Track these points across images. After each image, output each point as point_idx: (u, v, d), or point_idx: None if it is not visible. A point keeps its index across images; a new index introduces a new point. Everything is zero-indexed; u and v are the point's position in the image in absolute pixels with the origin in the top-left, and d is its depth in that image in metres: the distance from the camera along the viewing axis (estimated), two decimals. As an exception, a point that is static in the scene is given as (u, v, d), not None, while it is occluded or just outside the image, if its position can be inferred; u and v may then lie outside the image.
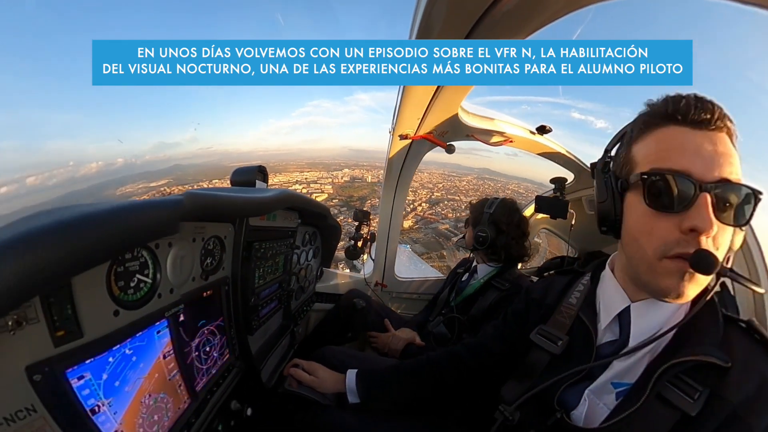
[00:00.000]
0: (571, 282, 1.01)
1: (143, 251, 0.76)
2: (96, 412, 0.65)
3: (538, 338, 0.94)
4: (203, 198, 0.85)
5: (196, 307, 0.98)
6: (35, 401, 0.55)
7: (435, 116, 1.56)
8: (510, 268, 1.91)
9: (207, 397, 0.99)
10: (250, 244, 1.24)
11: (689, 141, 0.63)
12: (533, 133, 1.95)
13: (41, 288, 0.49)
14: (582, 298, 0.93)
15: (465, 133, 1.80)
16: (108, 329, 0.67)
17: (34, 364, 0.54)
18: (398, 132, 1.69)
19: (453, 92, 1.34)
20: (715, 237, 0.62)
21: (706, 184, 0.60)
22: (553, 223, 2.93)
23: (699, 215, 0.60)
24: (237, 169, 1.42)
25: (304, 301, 1.98)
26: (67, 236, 0.50)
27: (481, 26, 0.94)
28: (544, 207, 2.22)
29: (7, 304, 0.44)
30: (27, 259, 0.45)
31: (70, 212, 0.53)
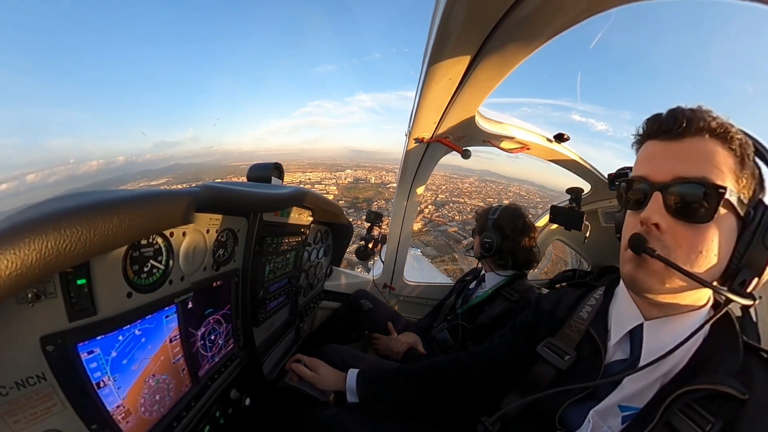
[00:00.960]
0: (583, 296, 0.98)
1: (158, 238, 0.79)
2: (101, 387, 0.68)
3: (545, 351, 0.91)
4: (219, 191, 0.88)
5: (205, 296, 1.01)
6: (46, 370, 0.58)
7: (452, 120, 1.54)
8: (520, 278, 1.88)
9: (208, 384, 1.02)
10: (262, 238, 1.27)
11: (654, 150, 0.70)
12: (550, 141, 1.91)
13: (61, 266, 0.52)
14: (593, 313, 0.91)
15: (482, 139, 1.78)
16: (120, 309, 0.71)
17: (48, 336, 0.58)
18: (414, 135, 1.67)
19: (471, 96, 1.33)
20: (674, 233, 0.65)
21: (657, 184, 0.66)
22: (567, 234, 2.85)
23: (646, 209, 0.67)
24: (253, 165, 1.46)
25: (311, 298, 2.01)
26: (88, 219, 0.54)
27: (499, 30, 0.93)
28: (559, 217, 2.17)
29: (28, 280, 0.47)
30: (50, 239, 0.49)
31: (93, 197, 0.57)
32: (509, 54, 1.05)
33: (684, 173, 0.64)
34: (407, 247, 2.44)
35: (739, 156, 0.65)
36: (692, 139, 0.65)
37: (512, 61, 1.09)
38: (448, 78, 1.17)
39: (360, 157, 77.72)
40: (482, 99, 1.37)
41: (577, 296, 1.00)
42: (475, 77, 1.17)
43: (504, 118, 1.77)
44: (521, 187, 73.54)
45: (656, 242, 0.66)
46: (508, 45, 1.00)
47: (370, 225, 2.31)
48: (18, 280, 0.46)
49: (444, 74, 1.15)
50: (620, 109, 49.24)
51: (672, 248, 0.65)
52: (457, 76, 1.17)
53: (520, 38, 0.97)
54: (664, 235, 0.65)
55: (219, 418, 1.03)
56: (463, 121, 1.57)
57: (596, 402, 0.77)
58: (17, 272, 0.45)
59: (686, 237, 0.64)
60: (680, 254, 0.64)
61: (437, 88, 1.24)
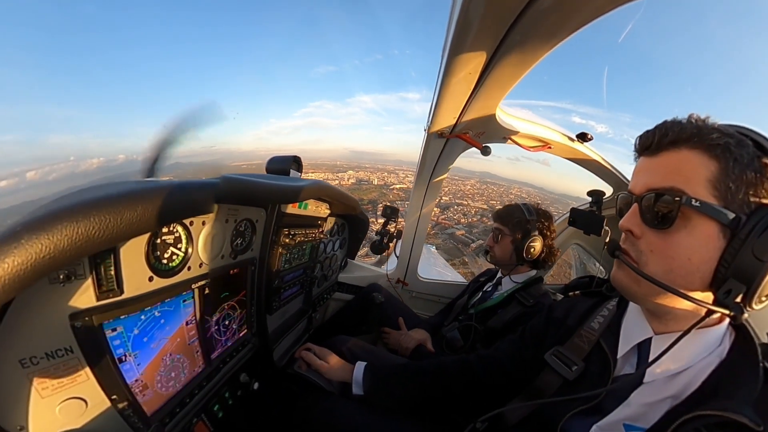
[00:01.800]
0: (596, 306, 0.97)
1: (179, 227, 0.84)
2: (123, 361, 0.74)
3: (553, 359, 0.91)
4: (238, 182, 0.92)
5: (222, 283, 1.06)
6: (73, 344, 0.64)
7: (472, 116, 1.51)
8: (536, 283, 1.86)
9: (220, 366, 1.08)
10: (280, 229, 1.30)
11: (639, 166, 0.74)
12: (572, 140, 1.85)
13: (90, 251, 0.57)
14: (605, 323, 0.89)
15: (502, 135, 1.74)
16: (142, 291, 0.76)
17: (77, 313, 0.63)
18: (433, 130, 1.66)
19: (492, 91, 1.30)
20: (647, 239, 0.69)
21: (636, 196, 0.71)
22: (586, 239, 2.75)
23: (623, 217, 0.73)
24: (272, 157, 1.49)
25: (325, 289, 2.05)
26: (115, 208, 0.58)
27: (520, 23, 0.90)
28: (579, 220, 2.06)
29: (60, 262, 0.52)
30: (80, 226, 0.53)
31: (119, 188, 0.61)
32: (531, 47, 1.01)
33: (653, 185, 0.68)
34: (422, 243, 2.43)
35: (723, 161, 0.64)
36: (667, 153, 0.68)
37: (534, 55, 1.05)
38: (468, 72, 1.15)
39: (360, 158, 76.25)
40: (503, 94, 1.34)
41: (589, 306, 0.99)
42: (496, 72, 1.14)
43: (525, 115, 1.73)
44: (521, 189, 72.25)
45: (631, 247, 0.71)
46: (530, 38, 0.97)
47: (385, 220, 2.32)
48: (51, 262, 0.50)
49: (463, 68, 1.12)
50: (620, 111, 45.98)
51: (645, 253, 0.68)
52: (477, 70, 1.14)
53: (541, 31, 0.94)
54: (638, 241, 0.70)
55: (228, 399, 1.09)
56: (483, 117, 1.54)
57: (600, 417, 0.76)
58: (50, 255, 0.50)
59: (657, 243, 0.67)
60: (652, 259, 0.68)
61: (457, 82, 1.21)
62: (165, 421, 0.85)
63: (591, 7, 0.85)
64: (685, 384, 0.69)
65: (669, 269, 0.66)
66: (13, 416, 0.58)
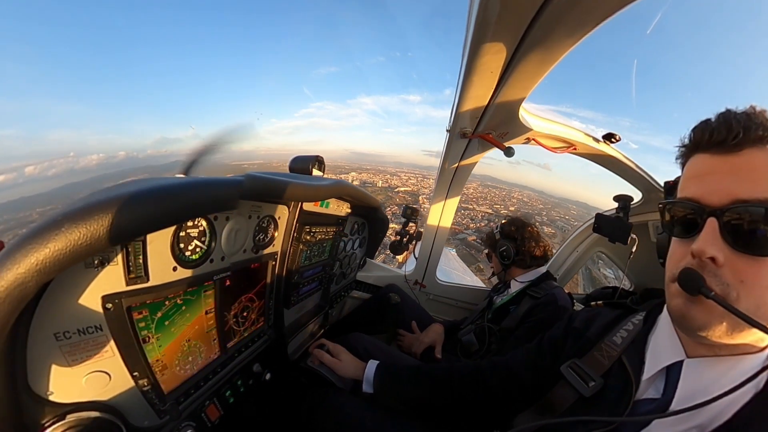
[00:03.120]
0: (619, 318, 0.90)
1: (203, 221, 0.89)
2: (146, 342, 0.80)
3: (569, 372, 0.84)
4: (262, 180, 0.95)
5: (242, 276, 1.11)
6: (103, 323, 0.70)
7: (494, 116, 1.48)
8: (546, 279, 1.88)
9: (235, 355, 1.13)
10: (301, 226, 1.34)
11: (705, 167, 0.60)
12: (598, 141, 1.77)
13: (122, 240, 0.62)
14: (629, 339, 0.81)
15: (525, 136, 1.69)
16: (167, 280, 0.81)
17: (108, 295, 0.69)
18: (455, 130, 1.63)
19: (514, 90, 1.26)
20: (734, 267, 0.55)
21: (713, 209, 0.57)
22: (610, 248, 2.61)
23: (699, 239, 0.57)
24: (295, 157, 1.53)
25: (343, 286, 2.09)
26: (145, 203, 0.63)
27: (542, 16, 0.86)
28: (603, 227, 1.99)
29: (95, 249, 0.57)
30: (114, 217, 0.58)
31: (149, 184, 0.66)
32: (553, 43, 0.97)
33: (745, 195, 0.54)
34: (442, 245, 2.41)
35: None
36: (752, 150, 0.55)
37: (557, 51, 1.01)
38: (490, 71, 1.13)
39: (361, 159, 75.67)
40: (526, 93, 1.29)
41: (612, 318, 0.91)
42: (518, 69, 1.10)
43: (549, 114, 1.68)
44: (522, 192, 69.91)
45: (713, 279, 0.56)
46: (552, 33, 0.92)
47: (406, 220, 2.31)
48: (87, 248, 0.56)
49: (485, 67, 1.10)
50: (620, 116, 42.34)
51: (732, 285, 0.54)
52: (498, 68, 1.11)
53: (564, 25, 0.89)
54: (721, 269, 0.55)
55: (240, 387, 1.14)
56: (505, 117, 1.50)
57: None
58: (87, 242, 0.55)
59: (750, 272, 0.54)
60: (743, 291, 0.54)
61: (478, 81, 1.19)
62: (180, 400, 0.91)
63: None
64: (715, 415, 0.60)
65: (762, 302, 0.54)
66: (45, 382, 0.65)
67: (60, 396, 0.67)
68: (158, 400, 0.84)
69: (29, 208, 60.29)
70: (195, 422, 0.94)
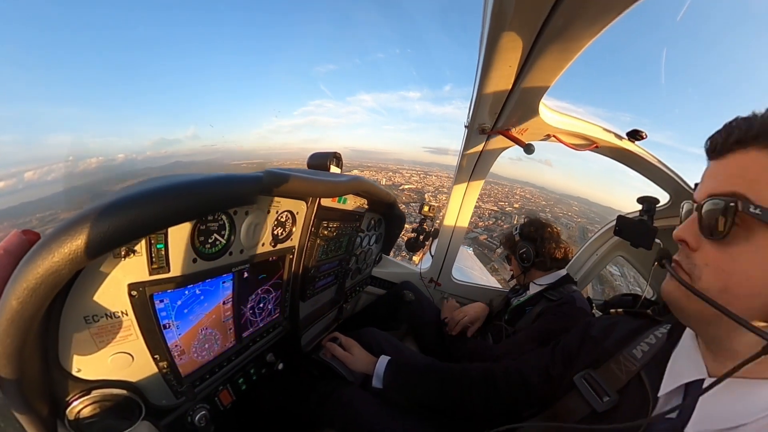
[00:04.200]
0: (641, 330, 0.86)
1: (223, 215, 0.92)
2: (166, 328, 0.85)
3: (582, 384, 0.81)
4: (280, 177, 0.97)
5: (260, 268, 1.15)
6: (128, 309, 0.75)
7: (514, 111, 1.44)
8: (566, 282, 1.84)
9: (249, 344, 1.18)
10: (319, 221, 1.37)
11: (705, 172, 0.66)
12: (621, 138, 1.67)
13: (146, 233, 0.66)
14: (650, 354, 0.77)
15: (545, 132, 1.64)
16: (187, 271, 0.86)
17: (134, 284, 0.74)
18: (474, 126, 1.60)
19: (534, 84, 1.22)
20: (704, 251, 0.61)
21: (696, 204, 0.63)
22: (633, 252, 2.42)
23: (679, 226, 0.66)
24: (313, 153, 1.55)
25: (358, 281, 2.11)
26: (167, 199, 0.67)
27: (561, 5, 0.83)
28: (626, 230, 1.88)
29: (122, 240, 0.62)
30: (139, 212, 0.62)
31: (172, 180, 0.69)
32: (573, 34, 0.93)
33: (714, 190, 0.60)
34: (459, 244, 2.38)
35: None
36: (734, 154, 0.60)
37: (577, 42, 0.96)
38: (508, 65, 1.10)
39: (362, 157, 74.50)
40: (546, 87, 1.25)
41: (633, 328, 0.87)
42: (538, 64, 1.07)
43: (570, 110, 1.63)
44: (524, 189, 67.60)
45: (684, 259, 0.64)
46: (572, 25, 0.88)
47: (423, 217, 2.29)
48: (115, 240, 0.60)
49: (503, 61, 1.08)
50: (620, 111, 38.32)
51: (698, 266, 0.60)
52: (517, 62, 1.09)
53: (583, 17, 0.85)
54: (694, 253, 0.62)
55: (252, 375, 1.19)
56: (525, 112, 1.45)
57: None
58: (115, 234, 0.59)
59: (713, 256, 0.59)
60: (706, 273, 0.59)
61: (496, 76, 1.16)
62: (195, 383, 0.97)
63: None
64: None
65: (724, 287, 0.56)
66: (74, 360, 0.70)
67: (87, 373, 0.72)
68: (176, 381, 0.89)
69: (30, 214, 62.65)
70: (209, 405, 1.00)
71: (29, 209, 13.50)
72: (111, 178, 49.65)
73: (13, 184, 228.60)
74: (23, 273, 0.54)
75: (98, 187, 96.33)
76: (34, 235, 0.61)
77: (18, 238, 0.59)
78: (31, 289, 0.54)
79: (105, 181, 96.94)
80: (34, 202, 17.21)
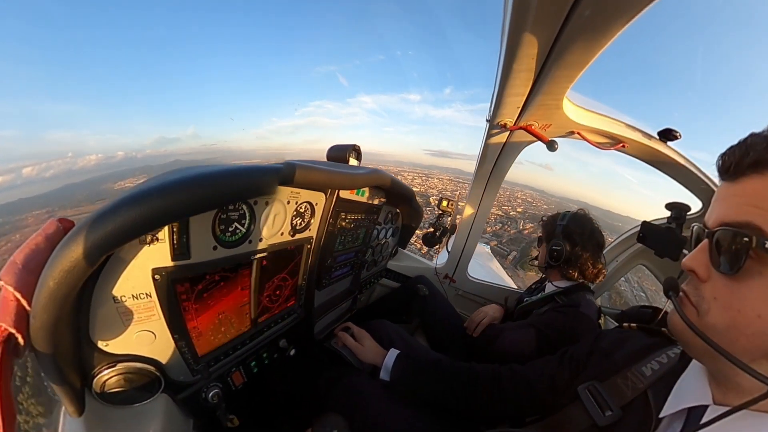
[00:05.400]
0: (653, 347, 0.83)
1: (243, 205, 0.95)
2: (186, 310, 0.90)
3: (586, 395, 0.80)
4: (300, 168, 0.99)
5: (278, 257, 1.18)
6: (152, 291, 0.80)
7: (537, 106, 1.39)
8: (582, 290, 1.72)
9: (264, 329, 1.23)
10: (337, 213, 1.39)
11: (718, 193, 0.62)
12: (652, 138, 1.58)
13: (170, 221, 0.70)
14: (659, 373, 0.76)
15: (569, 129, 1.57)
16: (207, 258, 0.90)
17: (157, 268, 0.79)
18: (495, 121, 1.55)
19: (557, 78, 1.18)
20: (714, 284, 0.57)
21: (708, 230, 0.60)
22: (657, 262, 2.28)
23: (689, 254, 0.62)
24: (333, 146, 1.56)
25: (373, 273, 2.13)
26: (190, 189, 0.70)
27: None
28: (650, 238, 1.75)
29: (148, 228, 0.65)
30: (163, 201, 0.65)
31: (194, 171, 0.73)
32: (601, 24, 0.88)
33: (726, 218, 0.56)
34: (476, 241, 2.35)
35: None
36: (748, 178, 0.55)
37: (605, 33, 0.92)
38: (531, 58, 1.06)
39: (363, 159, 76.18)
40: (571, 81, 1.20)
41: (645, 345, 0.84)
42: (562, 56, 1.03)
43: (596, 106, 1.54)
44: (524, 191, 65.09)
45: (692, 290, 0.60)
46: (600, 13, 0.84)
47: (441, 212, 2.27)
48: (141, 228, 0.64)
49: (525, 53, 1.04)
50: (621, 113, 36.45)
51: (706, 299, 0.57)
52: (540, 54, 1.04)
53: (611, 6, 0.82)
54: (703, 285, 0.58)
55: (265, 359, 1.24)
56: (549, 107, 1.40)
57: None
58: (141, 223, 0.63)
59: (722, 290, 0.55)
60: (714, 308, 0.56)
61: (519, 69, 1.13)
62: (211, 363, 1.02)
63: None
64: None
65: (732, 323, 0.53)
66: (103, 335, 0.76)
67: (114, 348, 0.78)
68: (193, 360, 0.95)
69: (25, 211, 64.21)
70: (221, 384, 1.05)
71: (27, 206, 14.29)
72: (110, 175, 51.00)
73: (11, 180, 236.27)
74: (59, 257, 0.58)
75: (97, 184, 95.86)
76: (69, 223, 0.65)
77: (55, 226, 0.64)
78: (66, 271, 0.58)
79: (104, 179, 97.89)
80: (32, 198, 18.19)
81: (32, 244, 0.61)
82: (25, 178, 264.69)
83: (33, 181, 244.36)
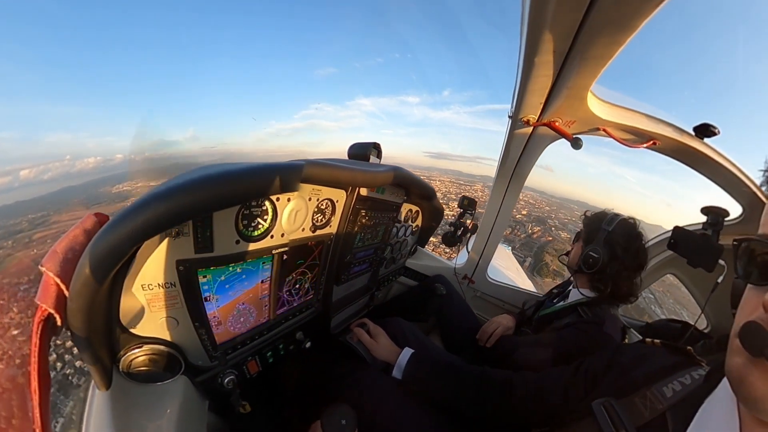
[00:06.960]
0: (677, 367, 0.76)
1: (266, 201, 0.98)
2: (207, 300, 0.94)
3: (601, 411, 0.73)
4: (321, 166, 1.01)
5: (299, 252, 1.21)
6: (176, 281, 0.84)
7: (560, 101, 1.33)
8: (608, 304, 1.57)
9: (282, 321, 1.27)
10: (357, 210, 1.40)
11: None
12: (686, 134, 1.44)
13: (195, 216, 0.74)
14: (681, 395, 0.69)
15: (595, 125, 1.48)
16: (230, 251, 0.93)
17: (181, 260, 0.83)
18: (518, 117, 1.51)
19: (581, 72, 1.12)
20: None
21: None
22: (690, 272, 2.11)
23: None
24: (354, 144, 1.57)
25: (392, 271, 2.14)
26: (215, 186, 0.73)
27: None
28: (682, 245, 1.59)
29: (175, 222, 0.70)
30: (191, 198, 0.69)
31: (219, 169, 0.75)
32: (627, 13, 0.83)
33: None
34: (498, 241, 2.29)
35: None
36: None
37: (631, 23, 0.86)
38: (552, 51, 1.02)
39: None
40: (596, 74, 1.13)
41: (668, 364, 0.78)
42: (585, 49, 0.98)
43: (624, 100, 1.43)
44: (525, 193, 62.44)
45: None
46: (621, 5, 0.80)
47: (462, 211, 2.23)
48: (168, 222, 0.68)
49: (547, 47, 1.00)
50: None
51: None
52: (562, 47, 1.00)
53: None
54: None
55: (280, 350, 1.28)
56: (573, 103, 1.34)
57: None
58: (168, 218, 0.67)
59: None
60: None
61: (540, 63, 1.09)
62: (228, 351, 1.08)
63: None
64: None
65: None
66: (131, 319, 0.82)
67: (141, 330, 0.84)
68: (211, 347, 1.00)
69: (20, 215, 64.81)
70: (237, 371, 1.10)
71: (23, 209, 14.80)
72: (108, 178, 51.65)
73: (8, 182, 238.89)
74: (94, 247, 0.63)
75: (95, 187, 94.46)
76: (104, 217, 0.71)
77: (92, 220, 0.69)
78: (100, 260, 0.63)
79: (102, 182, 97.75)
80: (28, 201, 18.90)
81: (71, 236, 0.66)
82: (22, 181, 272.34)
83: (31, 184, 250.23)
